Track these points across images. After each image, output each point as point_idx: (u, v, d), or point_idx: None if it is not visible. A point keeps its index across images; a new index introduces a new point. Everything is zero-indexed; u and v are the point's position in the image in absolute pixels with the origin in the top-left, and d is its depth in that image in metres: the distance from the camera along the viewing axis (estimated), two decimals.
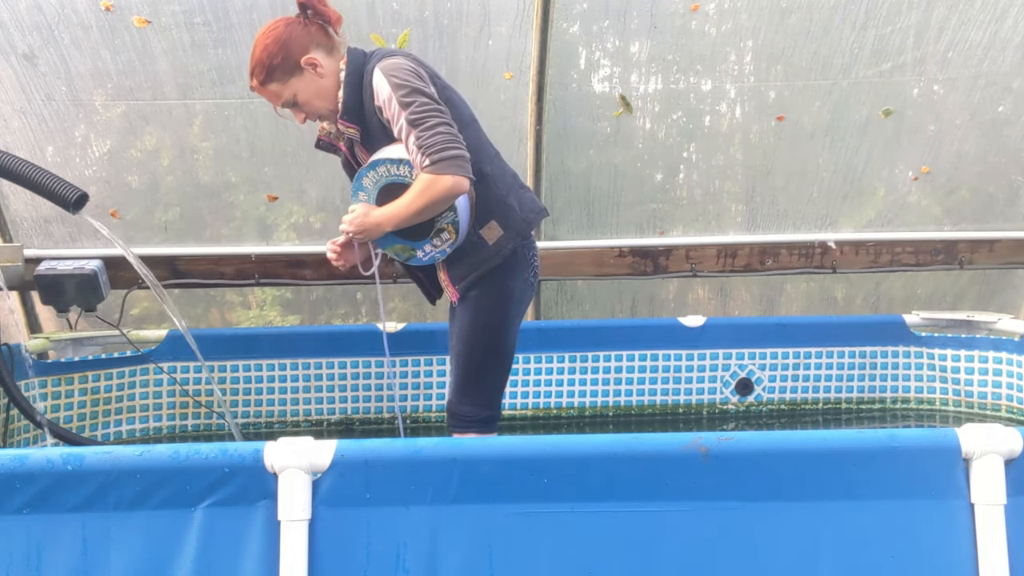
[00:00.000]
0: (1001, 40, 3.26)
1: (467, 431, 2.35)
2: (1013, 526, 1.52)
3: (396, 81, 2.10)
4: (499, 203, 2.25)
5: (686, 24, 3.20)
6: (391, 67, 2.13)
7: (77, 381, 2.93)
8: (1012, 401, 3.15)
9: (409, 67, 2.14)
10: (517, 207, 2.27)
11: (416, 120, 2.07)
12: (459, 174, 2.06)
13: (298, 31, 2.19)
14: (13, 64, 2.98)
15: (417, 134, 2.07)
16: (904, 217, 3.59)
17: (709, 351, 3.25)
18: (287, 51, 2.18)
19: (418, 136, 2.07)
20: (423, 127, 2.06)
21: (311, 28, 2.21)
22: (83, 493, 1.52)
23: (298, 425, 3.18)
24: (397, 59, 2.16)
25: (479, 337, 2.31)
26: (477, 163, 2.19)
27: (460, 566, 1.53)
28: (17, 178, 2.46)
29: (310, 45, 2.19)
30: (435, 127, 2.06)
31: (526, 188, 2.37)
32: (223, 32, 3.01)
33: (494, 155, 2.32)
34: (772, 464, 1.56)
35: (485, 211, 2.25)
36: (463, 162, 2.07)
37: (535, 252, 2.39)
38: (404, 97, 2.09)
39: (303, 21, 2.21)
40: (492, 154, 2.31)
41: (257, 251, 3.29)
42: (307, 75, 2.20)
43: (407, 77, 2.11)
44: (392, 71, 2.12)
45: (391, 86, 2.11)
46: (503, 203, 2.25)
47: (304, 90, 2.21)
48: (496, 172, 2.28)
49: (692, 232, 3.55)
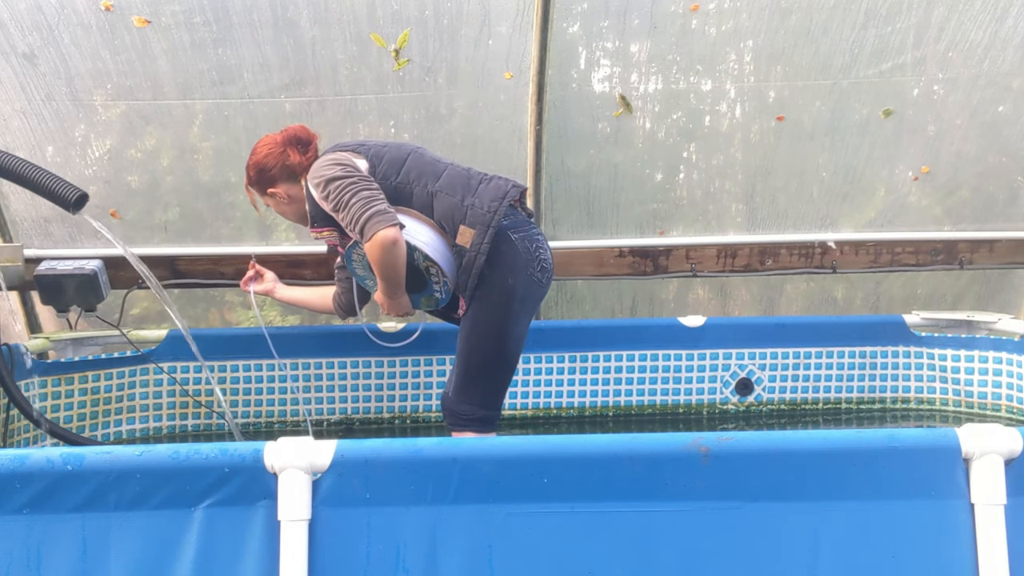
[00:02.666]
0: (1001, 40, 3.26)
1: (464, 429, 2.36)
2: (1013, 526, 1.52)
3: (315, 182, 2.34)
4: (457, 208, 2.33)
5: (686, 24, 3.20)
6: (313, 173, 2.38)
7: (77, 381, 2.93)
8: (1012, 401, 3.15)
9: (326, 163, 2.36)
10: (477, 202, 2.33)
11: (336, 206, 2.29)
12: (380, 227, 2.21)
13: (273, 162, 2.50)
14: (13, 64, 2.98)
15: (341, 217, 2.28)
16: (904, 217, 3.59)
17: (709, 351, 3.25)
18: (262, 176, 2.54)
19: (343, 218, 2.28)
20: (342, 208, 2.27)
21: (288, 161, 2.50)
22: (83, 493, 1.52)
23: (298, 425, 3.18)
24: (318, 161, 2.41)
25: (479, 337, 2.32)
26: (424, 187, 2.35)
27: (460, 566, 1.53)
28: (17, 178, 2.46)
29: (279, 179, 2.51)
30: (349, 202, 2.25)
31: (489, 178, 2.41)
32: (223, 32, 3.01)
33: (442, 170, 2.40)
34: (772, 464, 1.56)
35: (450, 222, 2.33)
36: (379, 215, 2.23)
37: (540, 244, 2.38)
38: (322, 192, 2.32)
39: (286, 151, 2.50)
40: (439, 170, 2.40)
41: (257, 251, 3.29)
42: (276, 200, 2.55)
43: (323, 172, 2.33)
44: (313, 176, 2.37)
45: (315, 189, 2.35)
46: (460, 206, 2.33)
47: (276, 207, 2.59)
48: (445, 184, 2.36)
49: (692, 232, 3.55)
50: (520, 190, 2.41)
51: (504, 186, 2.36)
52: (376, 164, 2.36)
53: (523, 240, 2.33)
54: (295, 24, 3.02)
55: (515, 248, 2.31)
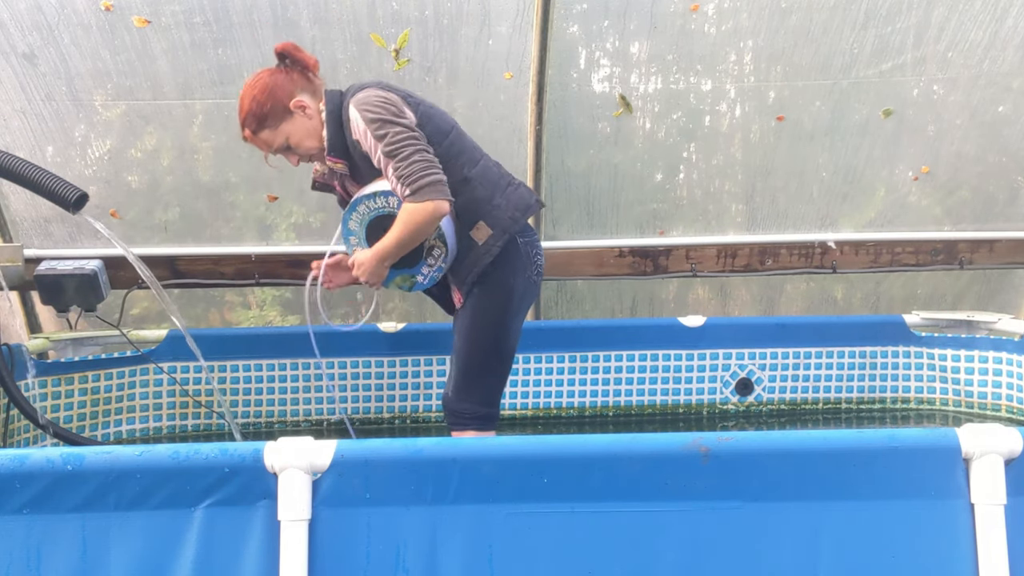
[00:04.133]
0: (1001, 40, 3.26)
1: (466, 428, 2.36)
2: (1013, 526, 1.52)
3: (369, 115, 2.19)
4: (484, 203, 2.31)
5: (686, 24, 3.19)
6: (363, 101, 2.21)
7: (77, 381, 2.93)
8: (1012, 401, 3.15)
9: (380, 98, 2.22)
10: (504, 205, 2.31)
11: (392, 151, 2.16)
12: (438, 198, 2.14)
13: (281, 78, 2.31)
14: (13, 64, 2.98)
15: (394, 165, 2.16)
16: (904, 217, 3.59)
17: (709, 351, 3.25)
18: (275, 98, 2.28)
19: (396, 167, 2.16)
20: (399, 158, 2.15)
21: (292, 75, 2.32)
22: (83, 493, 1.52)
23: (298, 425, 3.18)
24: (368, 91, 2.24)
25: (480, 335, 2.33)
26: (460, 168, 2.28)
27: (460, 566, 1.53)
28: (17, 178, 2.46)
29: (295, 90, 2.30)
30: (410, 156, 2.15)
31: (516, 184, 2.40)
32: (223, 32, 3.01)
33: (479, 158, 2.37)
34: (772, 464, 1.56)
35: (471, 214, 2.30)
36: (441, 186, 2.16)
37: (539, 250, 2.41)
38: (378, 130, 2.18)
39: (284, 69, 2.32)
40: (477, 157, 2.36)
41: (257, 251, 3.29)
42: (297, 118, 2.30)
43: (378, 109, 2.19)
44: (364, 105, 2.20)
45: (365, 121, 2.19)
46: (488, 203, 2.31)
47: (295, 132, 2.31)
48: (480, 175, 2.33)
49: (692, 232, 3.55)
50: (540, 207, 2.44)
51: (528, 198, 2.37)
52: (423, 124, 2.26)
53: (526, 245, 2.36)
54: (295, 24, 3.02)
55: (519, 252, 2.34)
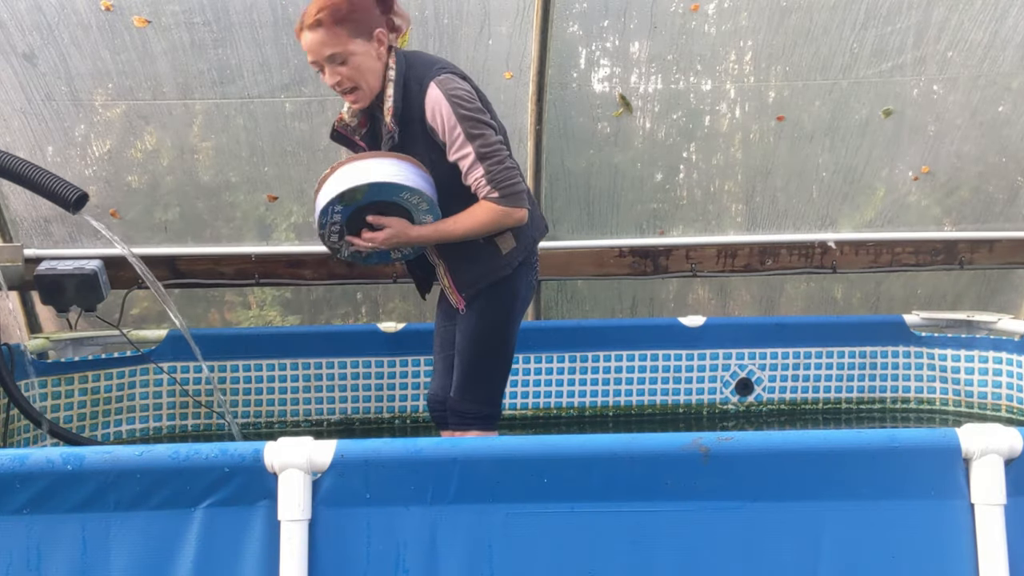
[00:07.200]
0: (1001, 40, 3.26)
1: (469, 428, 2.36)
2: (1013, 526, 1.52)
3: (463, 111, 2.15)
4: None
5: (686, 24, 3.20)
6: (454, 92, 2.16)
7: (77, 381, 2.93)
8: (1012, 401, 3.15)
9: (469, 93, 2.19)
10: (531, 224, 2.33)
11: (486, 154, 2.16)
12: (524, 207, 2.20)
13: (371, 4, 2.21)
14: (13, 64, 2.98)
15: (487, 167, 2.16)
16: (904, 217, 3.59)
17: (709, 351, 3.25)
18: (366, 13, 2.19)
19: (488, 169, 2.16)
20: (494, 160, 2.16)
21: (383, 14, 2.24)
22: (83, 493, 1.52)
23: (298, 425, 3.18)
24: (455, 82, 2.19)
25: (486, 338, 2.34)
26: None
27: (460, 566, 1.53)
28: (17, 178, 2.46)
29: (380, 23, 2.22)
30: (504, 161, 2.17)
31: (534, 204, 2.42)
32: (223, 32, 3.01)
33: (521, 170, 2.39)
34: (772, 464, 1.56)
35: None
36: (525, 196, 2.22)
37: (537, 258, 2.46)
38: (472, 129, 2.15)
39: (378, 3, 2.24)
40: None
41: (257, 251, 3.29)
42: (371, 47, 2.19)
43: (472, 108, 2.17)
44: (456, 96, 2.15)
45: (457, 116, 2.15)
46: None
47: (363, 58, 2.19)
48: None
49: (692, 232, 3.55)
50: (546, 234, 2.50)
51: (542, 224, 2.45)
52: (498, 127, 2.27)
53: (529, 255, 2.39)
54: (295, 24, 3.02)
55: (531, 266, 2.39)
